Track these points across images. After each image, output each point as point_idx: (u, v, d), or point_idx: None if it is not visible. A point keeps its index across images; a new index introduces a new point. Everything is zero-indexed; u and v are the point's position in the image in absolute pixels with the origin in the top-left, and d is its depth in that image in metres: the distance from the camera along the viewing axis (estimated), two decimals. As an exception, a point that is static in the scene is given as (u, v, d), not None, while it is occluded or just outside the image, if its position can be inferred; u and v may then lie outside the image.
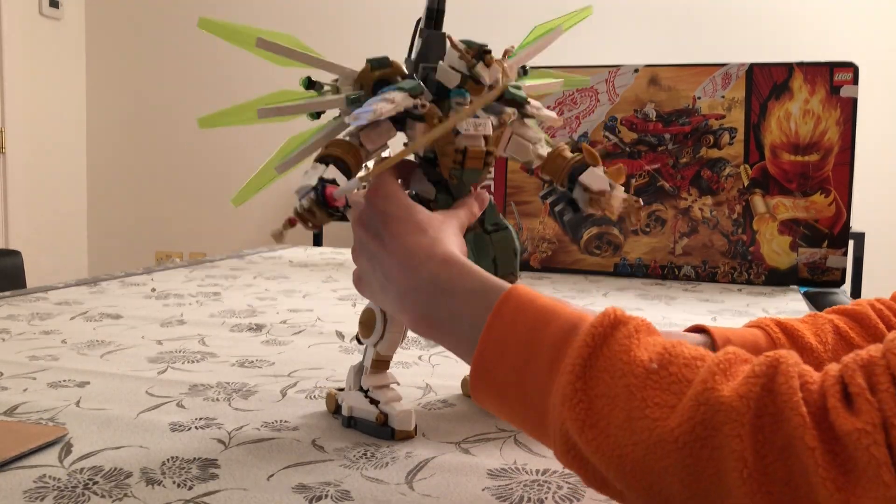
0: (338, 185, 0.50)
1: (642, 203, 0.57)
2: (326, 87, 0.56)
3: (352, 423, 0.56)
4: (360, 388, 0.56)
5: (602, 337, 0.39)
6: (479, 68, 0.53)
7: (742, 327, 0.61)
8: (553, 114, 0.59)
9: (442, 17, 0.57)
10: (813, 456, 0.32)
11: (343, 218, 0.52)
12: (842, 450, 0.32)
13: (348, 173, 0.51)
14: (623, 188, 0.58)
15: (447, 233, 0.50)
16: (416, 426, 0.55)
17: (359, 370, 0.57)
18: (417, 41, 0.56)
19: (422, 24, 0.56)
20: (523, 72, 0.59)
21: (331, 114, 0.57)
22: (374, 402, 0.55)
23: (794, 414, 0.33)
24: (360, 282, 0.52)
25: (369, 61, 0.55)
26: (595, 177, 0.57)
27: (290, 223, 0.50)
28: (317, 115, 0.56)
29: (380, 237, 0.50)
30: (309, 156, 0.56)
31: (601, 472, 0.38)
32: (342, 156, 0.51)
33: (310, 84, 0.55)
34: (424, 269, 0.47)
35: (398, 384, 0.58)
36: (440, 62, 0.54)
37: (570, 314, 0.42)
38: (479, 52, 0.53)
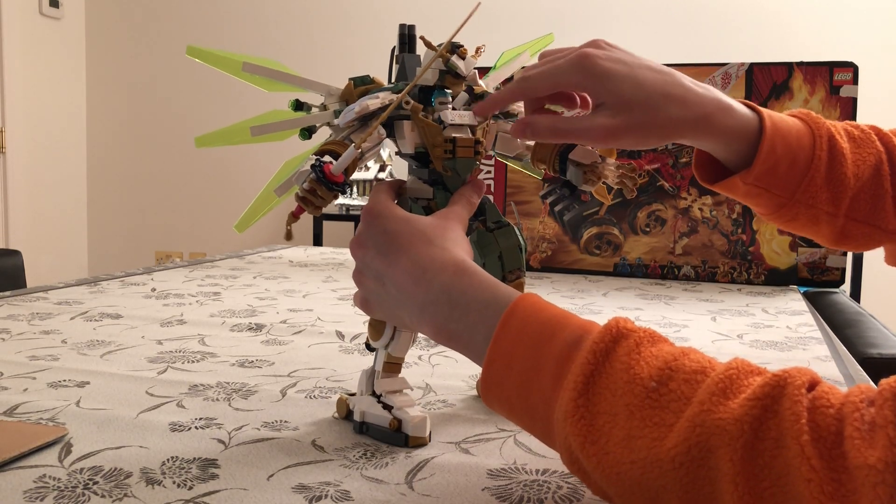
0: (334, 163, 0.52)
1: (635, 166, 0.58)
2: (315, 108, 0.59)
3: (364, 428, 0.55)
4: (373, 393, 0.56)
5: (604, 353, 0.39)
6: (455, 60, 0.55)
7: (792, 117, 0.63)
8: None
9: (414, 41, 0.61)
10: (809, 487, 0.31)
11: (344, 193, 0.53)
12: (849, 480, 0.31)
13: None
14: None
15: (452, 238, 0.50)
16: (430, 433, 0.54)
17: (371, 374, 0.57)
18: (395, 66, 0.61)
19: (396, 51, 0.61)
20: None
21: (322, 136, 0.59)
22: (386, 407, 0.54)
23: (794, 442, 0.32)
24: (367, 304, 0.52)
25: (352, 79, 0.58)
26: (585, 151, 0.59)
27: (295, 216, 0.52)
28: (309, 135, 0.58)
29: (384, 255, 0.49)
30: None
31: (602, 487, 0.38)
32: (337, 149, 0.54)
33: (298, 105, 0.58)
34: (437, 280, 0.47)
35: (412, 389, 0.58)
36: (417, 68, 0.58)
37: (574, 326, 0.42)
38: (453, 47, 0.56)
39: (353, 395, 0.59)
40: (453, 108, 0.56)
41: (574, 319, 0.43)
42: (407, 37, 0.62)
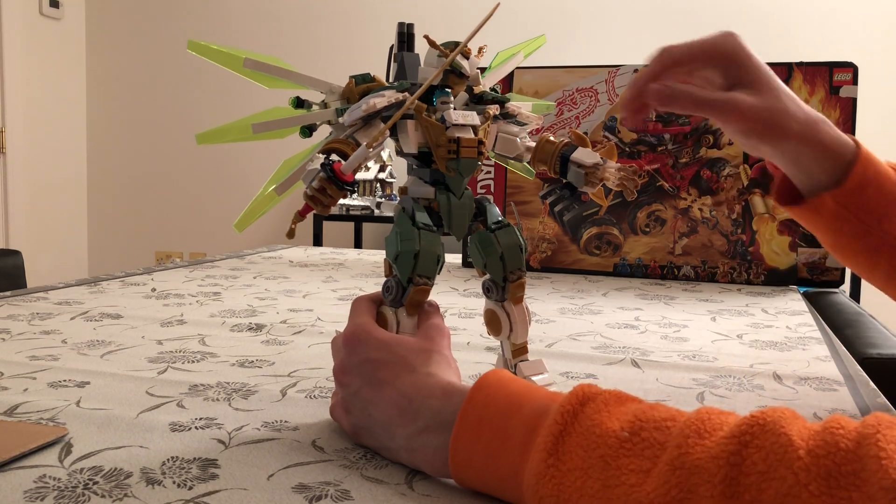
0: (343, 161, 0.52)
1: (637, 168, 0.58)
2: (315, 106, 0.58)
3: None
4: None
5: (572, 414, 0.39)
6: (459, 59, 0.55)
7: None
8: (533, 113, 0.62)
9: (413, 39, 0.61)
10: None
11: (353, 192, 0.53)
12: (862, 499, 0.31)
13: None
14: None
15: (437, 361, 0.50)
16: None
17: None
18: (393, 65, 0.60)
19: (395, 49, 0.60)
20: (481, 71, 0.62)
21: (322, 134, 0.59)
22: None
23: (787, 471, 0.32)
24: (358, 434, 0.51)
25: (353, 77, 0.58)
26: (586, 153, 0.59)
27: (301, 214, 0.51)
28: (309, 133, 0.58)
29: (370, 385, 0.49)
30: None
31: None
32: (342, 147, 0.53)
33: (299, 103, 0.58)
34: (425, 408, 0.46)
35: None
36: (420, 66, 0.57)
37: (541, 397, 0.42)
38: (456, 47, 0.56)
39: None
40: (454, 108, 0.56)
41: (541, 391, 0.43)
42: (406, 35, 0.61)
